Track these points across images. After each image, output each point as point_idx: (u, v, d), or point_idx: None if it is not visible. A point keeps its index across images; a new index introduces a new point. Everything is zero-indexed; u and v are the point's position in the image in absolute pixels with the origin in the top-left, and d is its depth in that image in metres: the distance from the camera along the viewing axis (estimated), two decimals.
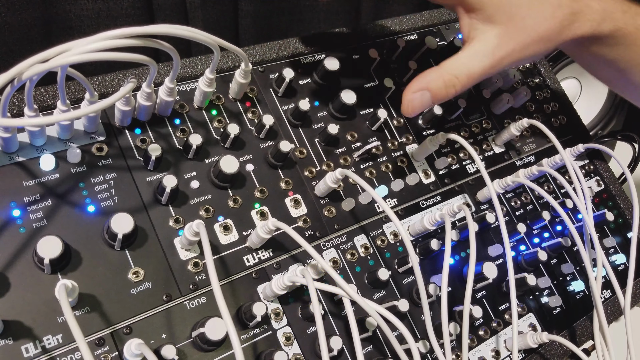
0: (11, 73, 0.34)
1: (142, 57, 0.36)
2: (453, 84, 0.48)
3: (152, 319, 0.42)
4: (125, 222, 0.41)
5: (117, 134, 0.46)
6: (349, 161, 0.55)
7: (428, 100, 0.49)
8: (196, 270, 0.45)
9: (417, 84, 0.49)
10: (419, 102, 0.49)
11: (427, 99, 0.49)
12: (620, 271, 0.67)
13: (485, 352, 0.54)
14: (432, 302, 0.52)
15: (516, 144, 0.67)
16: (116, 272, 0.42)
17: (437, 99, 0.49)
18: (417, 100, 0.49)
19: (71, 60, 0.34)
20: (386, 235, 0.54)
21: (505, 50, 0.49)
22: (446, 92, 0.49)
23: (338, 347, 0.44)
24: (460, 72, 0.48)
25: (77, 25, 0.69)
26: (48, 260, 0.38)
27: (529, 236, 0.62)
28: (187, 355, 0.42)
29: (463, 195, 0.60)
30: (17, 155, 0.42)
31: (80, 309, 0.40)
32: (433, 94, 0.49)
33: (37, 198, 0.42)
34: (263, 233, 0.45)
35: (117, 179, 0.45)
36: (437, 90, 0.48)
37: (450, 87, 0.49)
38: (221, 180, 0.48)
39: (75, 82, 0.46)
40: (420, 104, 0.49)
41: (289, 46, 0.58)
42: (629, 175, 0.64)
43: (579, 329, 0.61)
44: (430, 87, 0.48)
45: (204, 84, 0.47)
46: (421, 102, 0.49)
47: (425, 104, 0.49)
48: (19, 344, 0.38)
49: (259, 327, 0.45)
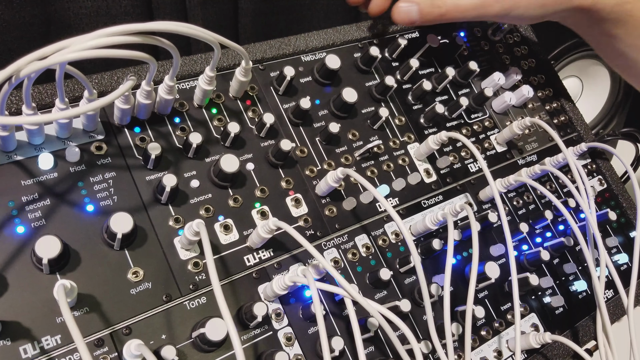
0: (8, 71, 0.33)
1: (141, 55, 0.36)
2: (438, 5, 0.53)
3: (152, 320, 0.42)
4: (125, 221, 0.40)
5: (116, 133, 0.46)
6: (350, 160, 0.55)
7: (415, 13, 0.54)
8: (196, 270, 0.44)
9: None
10: (405, 13, 0.54)
11: (414, 11, 0.54)
12: (622, 271, 0.66)
13: (487, 353, 0.54)
14: (434, 302, 0.51)
15: (518, 142, 0.67)
16: (115, 272, 0.42)
17: (423, 15, 0.53)
18: (405, 10, 0.54)
19: (69, 58, 0.33)
20: (387, 234, 0.54)
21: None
22: (431, 10, 0.53)
23: (339, 348, 0.44)
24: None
25: (76, 23, 0.68)
26: (47, 260, 0.38)
27: (531, 236, 0.62)
28: (187, 355, 0.41)
29: (465, 195, 0.60)
30: (15, 154, 0.42)
31: (79, 309, 0.40)
32: (420, 8, 0.53)
33: (36, 197, 0.41)
34: (264, 232, 0.44)
35: (116, 178, 0.44)
36: (424, 6, 0.53)
37: (436, 7, 0.53)
38: (221, 179, 0.47)
39: (73, 80, 0.46)
40: (407, 14, 0.54)
41: (289, 44, 0.57)
42: (632, 173, 0.63)
43: (581, 329, 0.60)
44: (418, 1, 0.53)
45: (204, 82, 0.47)
46: (408, 13, 0.54)
47: (411, 16, 0.54)
48: (17, 344, 0.37)
49: (259, 327, 0.45)
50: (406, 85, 0.62)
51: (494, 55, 0.70)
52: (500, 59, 0.70)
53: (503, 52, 0.71)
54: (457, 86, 0.65)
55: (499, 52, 0.71)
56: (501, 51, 0.71)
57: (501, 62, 0.70)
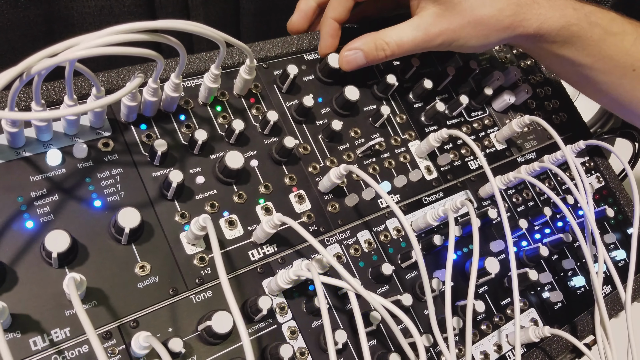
0: (20, 67, 0.34)
1: (150, 52, 0.36)
2: (383, 48, 0.54)
3: (159, 313, 0.42)
4: (132, 216, 0.41)
5: (122, 130, 0.47)
6: (352, 157, 0.55)
7: (361, 59, 0.55)
8: (202, 264, 0.45)
9: (353, 43, 0.56)
10: (352, 59, 0.56)
11: (360, 57, 0.55)
12: (620, 267, 0.67)
13: (487, 347, 0.54)
14: (435, 297, 0.52)
15: (517, 140, 0.68)
16: (123, 267, 0.42)
17: (369, 59, 0.55)
18: (351, 57, 0.56)
19: (80, 55, 0.34)
20: (389, 230, 0.55)
21: (439, 29, 0.53)
22: (376, 54, 0.55)
23: (343, 341, 0.45)
24: (392, 40, 0.54)
25: (79, 22, 0.69)
26: (56, 254, 0.38)
27: (530, 232, 0.63)
28: (194, 348, 0.42)
29: (465, 192, 0.61)
30: (24, 151, 0.43)
31: (87, 302, 0.40)
32: (365, 54, 0.55)
33: (44, 193, 0.42)
34: (268, 228, 0.45)
35: (123, 174, 0.45)
36: (369, 52, 0.55)
37: (380, 50, 0.54)
38: (226, 175, 0.48)
39: (80, 78, 0.47)
40: (354, 60, 0.56)
41: (292, 43, 0.58)
42: (629, 171, 0.64)
43: (579, 324, 0.61)
44: (363, 48, 0.55)
45: (209, 79, 0.48)
46: (355, 59, 0.56)
47: (358, 61, 0.56)
48: (27, 337, 0.38)
49: (264, 321, 0.45)
50: (407, 83, 0.63)
51: (493, 54, 0.71)
52: (499, 58, 0.71)
53: (502, 51, 0.72)
54: (458, 85, 0.66)
55: (498, 51, 0.72)
56: (500, 50, 0.72)
57: (500, 61, 0.71)
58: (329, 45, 0.57)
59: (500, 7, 0.52)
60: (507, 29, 0.53)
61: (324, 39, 0.57)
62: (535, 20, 0.53)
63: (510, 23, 0.53)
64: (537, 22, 0.53)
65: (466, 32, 0.53)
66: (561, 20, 0.54)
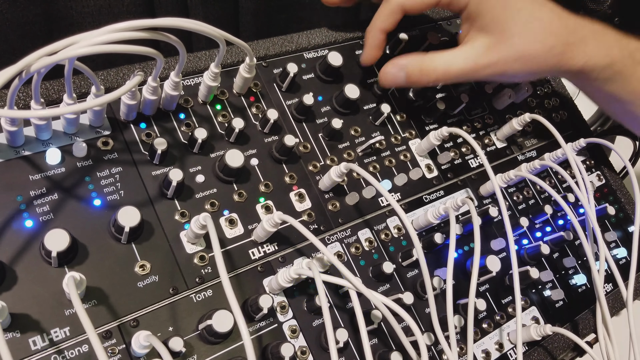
0: (19, 66, 0.34)
1: (150, 50, 0.36)
2: (428, 73, 0.52)
3: (159, 312, 0.42)
4: (132, 215, 0.41)
5: (122, 128, 0.46)
6: (352, 156, 0.55)
7: (402, 79, 0.53)
8: (202, 263, 0.45)
9: (399, 60, 0.53)
10: (392, 77, 0.54)
11: (402, 77, 0.53)
12: (621, 265, 0.67)
13: (488, 345, 0.54)
14: (436, 296, 0.52)
15: (518, 138, 0.67)
16: (123, 266, 0.42)
17: (411, 82, 0.53)
18: (392, 75, 0.54)
19: (79, 53, 0.34)
20: (390, 229, 0.54)
21: (488, 60, 0.52)
22: (420, 78, 0.53)
23: (344, 339, 0.44)
24: (439, 66, 0.52)
25: (78, 22, 0.69)
26: (55, 253, 0.38)
27: (531, 230, 0.63)
28: (194, 347, 0.42)
29: (466, 190, 0.61)
30: (23, 149, 0.42)
31: (87, 302, 0.40)
32: (408, 75, 0.53)
33: (44, 192, 0.42)
34: (269, 226, 0.45)
35: (122, 173, 0.45)
36: (412, 74, 0.53)
37: (425, 75, 0.52)
38: (226, 174, 0.48)
39: (80, 77, 0.46)
40: (394, 79, 0.54)
41: (292, 41, 0.58)
42: (630, 169, 0.64)
43: (581, 322, 0.61)
44: (407, 69, 0.53)
45: (209, 78, 0.47)
46: (394, 78, 0.54)
47: (398, 81, 0.54)
48: (27, 336, 0.38)
49: (265, 319, 0.45)
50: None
51: None
52: None
53: None
54: (458, 83, 0.66)
55: None
56: None
57: None
58: (375, 56, 0.56)
59: (552, 44, 0.51)
60: (555, 66, 0.53)
61: (369, 48, 0.56)
62: (581, 59, 0.53)
63: (558, 61, 0.52)
64: (582, 60, 0.53)
65: (515, 67, 0.52)
66: (606, 59, 0.53)
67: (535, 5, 0.52)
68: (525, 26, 0.51)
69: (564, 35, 0.52)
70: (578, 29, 0.53)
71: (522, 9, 0.51)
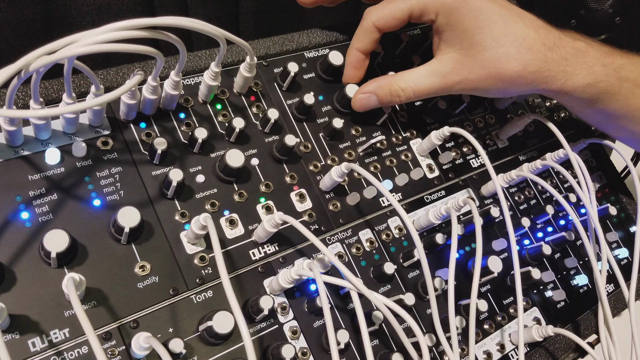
0: (18, 65, 0.33)
1: (150, 49, 0.36)
2: (398, 94, 0.53)
3: (159, 313, 0.42)
4: (132, 215, 0.41)
5: (122, 128, 0.46)
6: (353, 156, 0.55)
7: (375, 102, 0.54)
8: (203, 264, 0.44)
9: (368, 86, 0.54)
10: (365, 102, 0.54)
11: (374, 101, 0.54)
12: (623, 265, 0.67)
13: (490, 346, 0.54)
14: (438, 296, 0.52)
15: (519, 138, 0.67)
16: (122, 266, 0.42)
17: (383, 104, 0.54)
18: (365, 100, 0.54)
19: (79, 52, 0.33)
20: (391, 229, 0.54)
21: (458, 77, 0.51)
22: (391, 99, 0.53)
23: (345, 341, 0.44)
24: (407, 87, 0.52)
25: (78, 21, 0.68)
26: (55, 254, 0.38)
27: (532, 230, 0.62)
28: (194, 349, 0.42)
29: (467, 190, 0.60)
30: (22, 149, 0.42)
31: (86, 303, 0.40)
32: (379, 98, 0.54)
33: (43, 192, 0.42)
34: (269, 227, 0.45)
35: (122, 173, 0.45)
36: (383, 98, 0.53)
37: (395, 97, 0.53)
38: (227, 174, 0.47)
39: (79, 76, 0.46)
40: (367, 103, 0.54)
41: (292, 40, 0.57)
42: (632, 168, 0.64)
43: (582, 322, 0.61)
44: (377, 93, 0.53)
45: (209, 77, 0.47)
46: (367, 102, 0.54)
47: (371, 105, 0.54)
48: (26, 338, 0.38)
49: (265, 321, 0.45)
50: None
51: None
52: None
53: None
54: None
55: None
56: None
57: None
58: (352, 77, 0.56)
59: (526, 61, 0.49)
60: (530, 84, 0.50)
61: (347, 69, 0.56)
62: (561, 78, 0.50)
63: (534, 79, 0.50)
64: (561, 80, 0.50)
65: (486, 83, 0.50)
66: (588, 78, 0.51)
67: (510, 18, 0.49)
68: (496, 41, 0.48)
69: (541, 52, 0.49)
70: (557, 46, 0.50)
71: (495, 22, 0.49)
